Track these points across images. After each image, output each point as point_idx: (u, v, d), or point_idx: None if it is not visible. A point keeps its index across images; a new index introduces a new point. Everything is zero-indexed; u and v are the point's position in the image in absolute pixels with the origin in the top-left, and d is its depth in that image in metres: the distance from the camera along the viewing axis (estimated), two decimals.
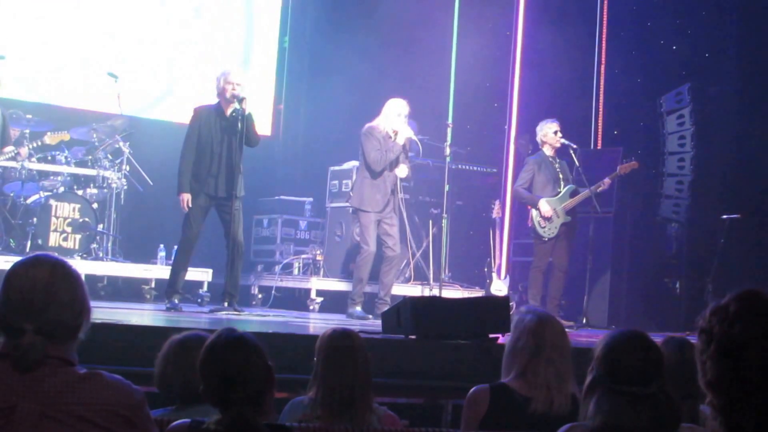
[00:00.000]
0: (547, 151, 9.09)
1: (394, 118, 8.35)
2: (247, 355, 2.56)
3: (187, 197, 7.63)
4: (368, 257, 8.38)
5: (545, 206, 8.92)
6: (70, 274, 2.45)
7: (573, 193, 9.02)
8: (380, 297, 8.41)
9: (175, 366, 3.21)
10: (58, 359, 2.37)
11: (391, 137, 8.33)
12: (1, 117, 7.68)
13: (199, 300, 9.03)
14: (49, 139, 8.84)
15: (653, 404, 2.47)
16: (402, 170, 8.50)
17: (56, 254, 2.62)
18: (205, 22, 11.18)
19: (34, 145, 8.79)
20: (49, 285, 2.38)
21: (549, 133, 9.05)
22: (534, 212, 8.98)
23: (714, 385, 1.85)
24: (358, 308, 8.36)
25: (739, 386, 1.82)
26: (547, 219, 8.92)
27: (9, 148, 8.67)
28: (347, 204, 9.20)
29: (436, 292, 8.94)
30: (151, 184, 9.53)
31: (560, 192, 9.01)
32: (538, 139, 9.17)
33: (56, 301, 2.38)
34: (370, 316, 8.26)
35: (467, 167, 10.55)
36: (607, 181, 8.92)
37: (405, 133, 8.36)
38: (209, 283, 9.23)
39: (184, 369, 3.16)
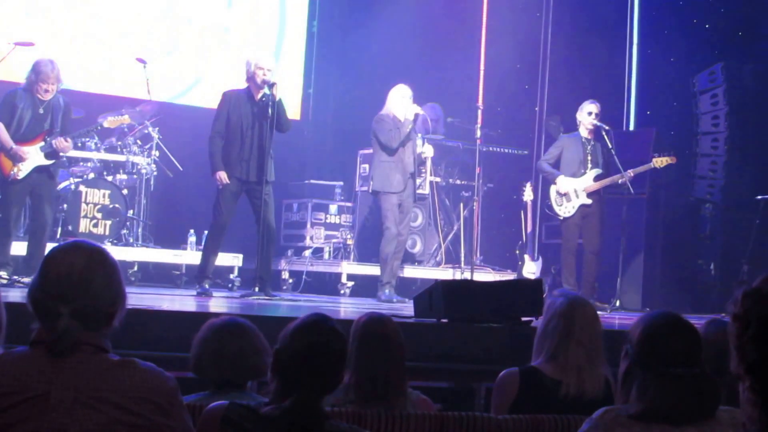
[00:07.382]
0: (583, 131, 8.98)
1: (399, 101, 8.51)
2: (340, 348, 2.53)
3: (222, 174, 7.61)
4: (392, 239, 8.44)
5: (562, 183, 8.83)
6: (108, 262, 2.45)
7: (597, 178, 8.90)
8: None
9: (211, 351, 3.19)
10: (92, 346, 2.37)
11: (399, 120, 8.45)
12: (64, 105, 7.54)
13: (229, 285, 9.08)
14: (109, 123, 8.61)
15: (697, 385, 2.46)
16: (428, 149, 8.73)
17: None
18: (234, 6, 11.16)
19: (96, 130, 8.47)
20: (86, 271, 2.38)
21: (584, 113, 8.94)
22: (552, 188, 8.92)
23: (756, 369, 1.80)
24: (387, 291, 8.36)
25: None
26: (564, 196, 8.83)
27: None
28: (367, 190, 9.20)
29: (467, 275, 8.91)
30: (181, 169, 9.54)
31: (584, 173, 8.89)
32: (577, 117, 9.05)
33: (92, 287, 2.37)
34: (395, 299, 8.21)
35: (498, 149, 10.50)
36: (630, 173, 8.78)
37: (412, 108, 8.48)
38: (240, 268, 9.26)
39: (220, 354, 3.14)
